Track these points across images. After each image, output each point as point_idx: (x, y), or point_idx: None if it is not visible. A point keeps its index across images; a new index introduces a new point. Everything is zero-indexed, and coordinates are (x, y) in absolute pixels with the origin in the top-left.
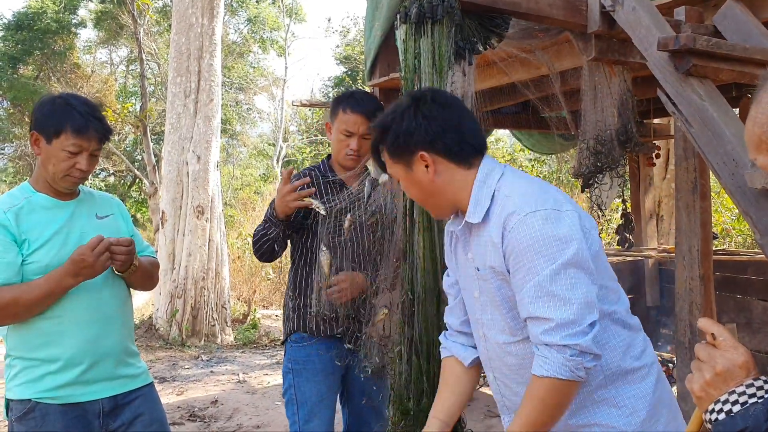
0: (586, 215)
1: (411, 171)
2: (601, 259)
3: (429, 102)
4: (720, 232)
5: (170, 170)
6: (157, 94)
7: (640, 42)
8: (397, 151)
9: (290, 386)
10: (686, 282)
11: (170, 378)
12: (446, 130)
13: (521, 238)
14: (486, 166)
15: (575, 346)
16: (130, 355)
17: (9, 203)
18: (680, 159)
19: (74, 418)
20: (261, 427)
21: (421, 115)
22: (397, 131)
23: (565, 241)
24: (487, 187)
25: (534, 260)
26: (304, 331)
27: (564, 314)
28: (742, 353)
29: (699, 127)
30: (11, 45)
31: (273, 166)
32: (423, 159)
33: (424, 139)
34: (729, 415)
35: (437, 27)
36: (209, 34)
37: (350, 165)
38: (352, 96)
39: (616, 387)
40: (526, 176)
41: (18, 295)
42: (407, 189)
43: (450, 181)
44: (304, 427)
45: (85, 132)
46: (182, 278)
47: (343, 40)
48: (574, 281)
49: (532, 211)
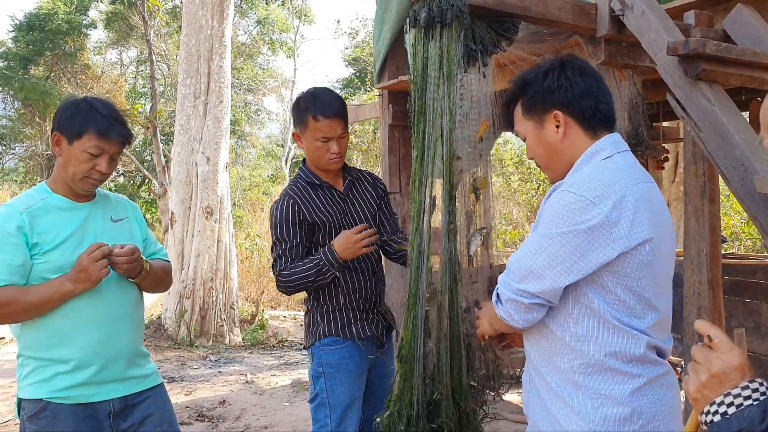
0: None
1: (541, 128)
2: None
3: (573, 67)
4: (729, 235)
5: (179, 171)
6: (166, 95)
7: (650, 46)
8: (533, 107)
9: (322, 390)
10: (695, 286)
11: (178, 378)
12: (585, 95)
13: (549, 204)
14: (603, 142)
15: (500, 290)
16: (140, 356)
17: (25, 204)
18: (689, 163)
19: (85, 418)
20: (269, 427)
21: (564, 76)
22: (537, 87)
23: (565, 223)
24: (591, 162)
25: (541, 223)
26: (336, 335)
27: (513, 264)
28: (737, 355)
29: (708, 131)
30: (22, 46)
31: (281, 167)
32: (556, 118)
33: (563, 99)
34: (724, 416)
35: (446, 31)
36: (219, 36)
37: (334, 167)
38: (316, 99)
39: (592, 378)
40: (624, 169)
41: (16, 297)
42: (532, 147)
43: (574, 145)
44: (336, 429)
45: (107, 134)
46: (191, 279)
47: (351, 42)
48: (538, 250)
49: (570, 191)
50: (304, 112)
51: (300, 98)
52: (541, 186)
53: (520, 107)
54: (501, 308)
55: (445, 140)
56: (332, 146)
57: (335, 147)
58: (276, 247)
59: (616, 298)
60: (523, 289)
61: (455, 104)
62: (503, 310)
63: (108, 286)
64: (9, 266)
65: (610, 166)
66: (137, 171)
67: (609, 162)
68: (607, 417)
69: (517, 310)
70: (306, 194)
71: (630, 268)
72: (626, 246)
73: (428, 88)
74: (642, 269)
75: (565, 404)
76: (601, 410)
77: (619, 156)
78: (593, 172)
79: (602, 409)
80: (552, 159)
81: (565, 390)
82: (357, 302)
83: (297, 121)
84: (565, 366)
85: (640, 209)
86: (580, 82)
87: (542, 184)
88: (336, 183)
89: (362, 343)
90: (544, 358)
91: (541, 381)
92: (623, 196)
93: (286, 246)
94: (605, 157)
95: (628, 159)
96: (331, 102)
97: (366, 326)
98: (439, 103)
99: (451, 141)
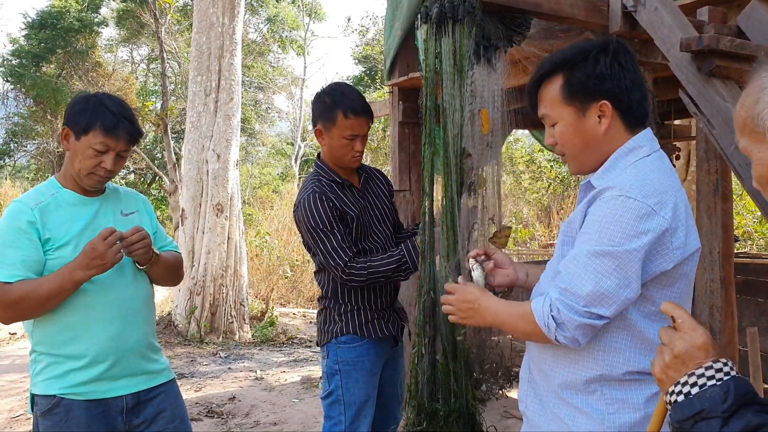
0: (693, 235)
1: (582, 117)
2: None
3: (625, 53)
4: (742, 234)
5: (190, 168)
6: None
7: (662, 42)
8: (578, 93)
9: (337, 387)
10: (706, 285)
11: (188, 374)
12: (635, 87)
13: (603, 210)
14: (641, 138)
15: (559, 314)
16: (153, 350)
17: (35, 200)
18: (701, 160)
19: (98, 414)
20: (278, 423)
21: (617, 63)
22: (588, 72)
23: (630, 236)
24: (627, 160)
25: (596, 233)
26: (354, 333)
27: (576, 287)
28: (700, 334)
29: (721, 128)
30: (35, 43)
31: (291, 165)
32: (602, 109)
33: (614, 89)
34: (687, 396)
35: (458, 27)
36: (230, 34)
37: (356, 165)
38: (344, 96)
39: (610, 386)
40: (665, 170)
41: (29, 291)
42: (564, 135)
43: (613, 139)
44: (350, 427)
45: (114, 131)
46: (201, 275)
47: (362, 39)
48: (607, 272)
49: (629, 197)
50: (333, 108)
51: (324, 93)
52: (552, 185)
53: (560, 90)
54: (564, 333)
55: (456, 137)
56: (357, 144)
57: (359, 145)
58: (326, 242)
59: (655, 310)
60: (596, 313)
61: (465, 100)
62: (568, 335)
63: (119, 281)
64: (24, 262)
65: (656, 167)
66: (148, 168)
67: (651, 162)
68: (624, 422)
69: (587, 333)
70: (331, 191)
71: (678, 278)
72: (682, 256)
73: (444, 84)
74: (686, 279)
75: (577, 410)
76: (617, 415)
77: (656, 155)
78: (642, 175)
79: (619, 414)
80: (586, 151)
81: (576, 397)
82: (375, 301)
83: (322, 117)
84: (581, 374)
85: (689, 216)
86: (631, 72)
87: (553, 182)
88: (353, 180)
89: (378, 342)
90: (557, 363)
91: (546, 384)
92: (676, 202)
93: (338, 238)
94: (644, 156)
95: (665, 159)
96: (359, 99)
97: (383, 325)
98: (455, 99)
99: (461, 137)
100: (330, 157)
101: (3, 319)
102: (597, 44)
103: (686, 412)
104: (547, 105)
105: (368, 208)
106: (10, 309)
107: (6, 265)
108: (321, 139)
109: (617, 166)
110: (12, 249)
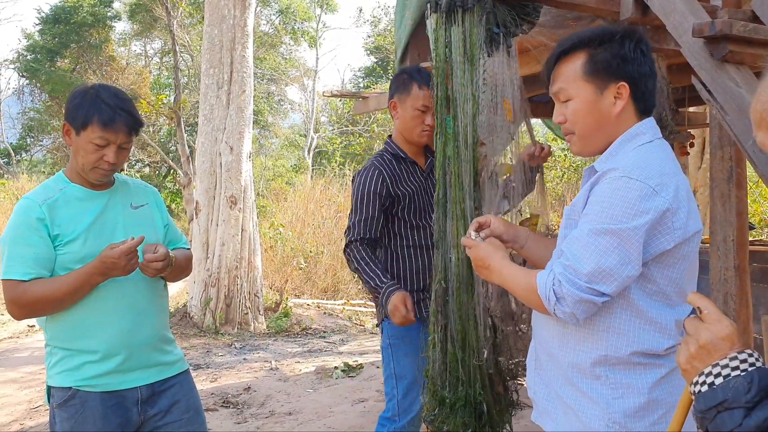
0: (695, 217)
1: (599, 96)
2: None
3: (646, 41)
4: (758, 222)
5: (204, 161)
6: (190, 86)
7: (674, 28)
8: (600, 71)
9: (389, 362)
10: (721, 272)
11: (204, 365)
12: (651, 74)
13: (606, 190)
14: (644, 125)
15: (561, 288)
16: (166, 342)
17: (44, 196)
18: (715, 147)
19: (113, 405)
20: (293, 413)
21: (640, 50)
22: (613, 52)
23: (632, 215)
24: (630, 145)
25: (599, 212)
26: None
27: (579, 264)
28: (726, 326)
29: (735, 114)
30: (49, 38)
31: (304, 157)
32: (619, 91)
33: (634, 72)
34: (711, 387)
35: (468, 15)
36: (241, 26)
37: (425, 141)
38: (419, 72)
39: (615, 370)
40: (667, 155)
41: (45, 293)
42: (576, 112)
43: (623, 122)
44: (403, 401)
45: (111, 125)
46: (216, 267)
47: (374, 30)
48: (609, 249)
49: (631, 177)
50: (409, 81)
51: (403, 71)
52: (566, 174)
53: (583, 66)
54: (562, 308)
55: (469, 126)
56: (428, 118)
57: (430, 119)
58: (353, 215)
59: (657, 289)
60: (597, 289)
61: (478, 89)
62: (566, 310)
63: (131, 275)
64: (36, 259)
65: (657, 153)
66: (162, 161)
67: (653, 148)
68: (628, 407)
69: (587, 310)
70: (391, 166)
71: (679, 258)
72: (683, 236)
73: (454, 73)
74: (687, 260)
75: (583, 394)
76: (622, 401)
77: (659, 142)
78: (644, 158)
79: (623, 399)
80: (596, 131)
81: (582, 380)
82: (419, 282)
83: (398, 90)
84: (586, 355)
85: (691, 200)
86: (650, 61)
87: (567, 171)
88: (419, 160)
89: (425, 322)
90: (564, 344)
91: (554, 367)
92: (677, 185)
93: (362, 217)
94: (646, 142)
95: (666, 147)
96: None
97: (423, 307)
98: (466, 88)
99: (475, 126)
100: (402, 130)
101: (17, 316)
102: (622, 28)
103: (709, 402)
104: (564, 80)
105: (429, 189)
106: (25, 308)
107: (19, 263)
108: (395, 112)
109: (620, 151)
110: (24, 247)
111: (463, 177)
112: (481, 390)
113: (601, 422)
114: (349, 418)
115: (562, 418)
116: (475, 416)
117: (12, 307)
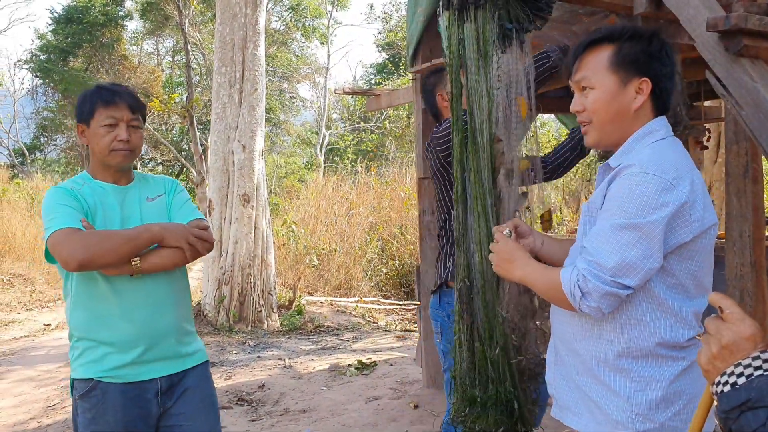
0: (711, 211)
1: (622, 88)
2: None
3: (669, 46)
4: None
5: (216, 159)
6: (202, 84)
7: (688, 22)
8: (626, 64)
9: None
10: (737, 268)
11: (218, 363)
12: (671, 76)
13: (624, 186)
14: (657, 123)
15: (586, 283)
16: (186, 334)
17: (72, 185)
18: (731, 142)
19: (133, 397)
20: (307, 411)
21: (665, 50)
22: (642, 48)
23: (651, 209)
24: (644, 142)
25: (619, 207)
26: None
27: (603, 259)
28: (749, 326)
29: (750, 109)
30: (61, 38)
31: (316, 154)
32: (641, 86)
33: (657, 70)
34: (734, 387)
35: (480, 12)
36: (253, 24)
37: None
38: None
39: (638, 362)
40: (681, 152)
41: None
42: (596, 102)
43: (638, 118)
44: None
45: (113, 102)
46: (229, 265)
47: (385, 26)
48: (631, 243)
49: (648, 173)
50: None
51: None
52: (580, 169)
53: (610, 57)
54: (588, 303)
55: (485, 122)
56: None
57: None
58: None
59: (676, 282)
60: (622, 283)
61: (493, 86)
62: (592, 305)
63: None
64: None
65: (671, 149)
66: (175, 160)
67: (667, 144)
68: (651, 399)
69: (612, 303)
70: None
71: (696, 251)
72: (700, 228)
73: (469, 70)
74: (705, 252)
75: (606, 387)
76: (644, 393)
77: (671, 139)
78: (659, 154)
79: (646, 391)
80: (612, 123)
81: (605, 373)
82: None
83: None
84: (609, 348)
85: (706, 194)
86: (673, 63)
87: (581, 167)
88: None
89: None
90: (586, 338)
91: (576, 361)
92: (693, 179)
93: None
94: (660, 138)
95: (679, 144)
96: None
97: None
98: (481, 85)
99: (491, 122)
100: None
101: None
102: (650, 28)
103: (732, 402)
104: (589, 69)
105: None
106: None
107: (69, 216)
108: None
109: (634, 148)
110: (67, 207)
111: (482, 173)
112: (512, 387)
113: (624, 413)
114: (363, 416)
115: (584, 411)
116: (507, 414)
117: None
